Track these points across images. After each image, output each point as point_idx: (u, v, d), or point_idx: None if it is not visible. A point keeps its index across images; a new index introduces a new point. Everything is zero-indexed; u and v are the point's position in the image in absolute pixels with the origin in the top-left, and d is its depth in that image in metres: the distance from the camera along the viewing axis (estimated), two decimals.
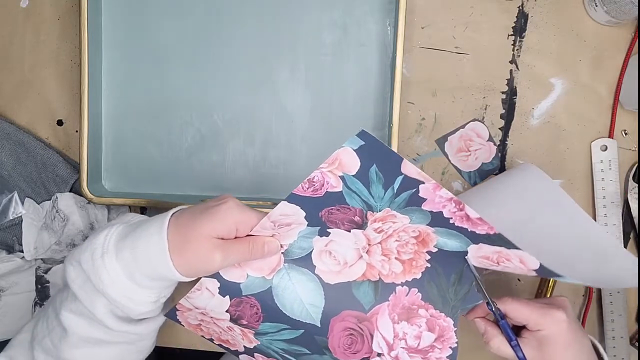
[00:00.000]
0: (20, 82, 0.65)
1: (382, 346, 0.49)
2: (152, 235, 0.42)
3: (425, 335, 0.49)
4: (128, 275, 0.42)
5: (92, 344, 0.45)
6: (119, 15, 0.61)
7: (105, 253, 0.42)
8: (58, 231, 0.61)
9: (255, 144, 0.61)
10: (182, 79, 0.61)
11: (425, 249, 0.47)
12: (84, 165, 0.59)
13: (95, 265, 0.42)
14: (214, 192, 0.62)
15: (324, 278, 0.48)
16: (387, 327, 0.49)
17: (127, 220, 0.46)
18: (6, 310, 0.59)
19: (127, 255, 0.42)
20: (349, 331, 0.49)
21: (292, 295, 0.48)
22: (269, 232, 0.45)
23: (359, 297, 0.49)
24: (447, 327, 0.49)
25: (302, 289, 0.48)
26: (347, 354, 0.49)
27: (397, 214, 0.44)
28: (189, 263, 0.42)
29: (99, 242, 0.43)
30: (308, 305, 0.48)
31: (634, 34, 0.57)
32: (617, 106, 0.58)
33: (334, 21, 0.59)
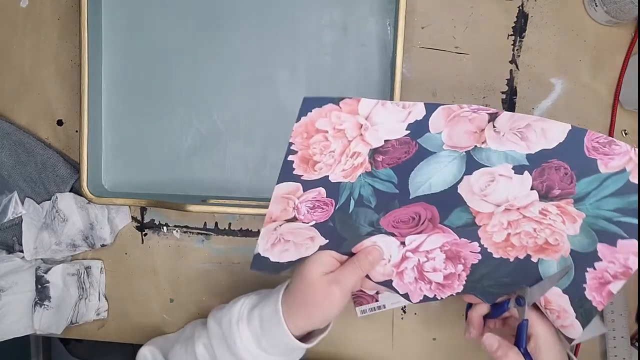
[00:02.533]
0: (20, 82, 0.65)
1: (412, 244, 0.50)
2: (271, 303, 0.48)
3: (435, 275, 0.51)
4: (257, 343, 0.48)
5: None
6: (119, 15, 0.61)
7: (240, 320, 0.49)
8: (58, 231, 0.61)
9: (255, 144, 0.61)
10: (182, 79, 0.61)
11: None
12: (84, 165, 0.59)
13: (231, 331, 0.48)
14: (214, 192, 0.62)
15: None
16: (430, 244, 0.50)
17: (260, 291, 0.52)
18: (6, 310, 0.59)
19: (256, 324, 0.48)
20: (414, 215, 0.49)
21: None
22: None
23: (452, 219, 0.49)
24: (454, 289, 0.51)
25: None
26: (392, 223, 0.49)
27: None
28: (316, 310, 0.47)
29: (237, 309, 0.50)
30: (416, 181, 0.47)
31: (634, 34, 0.57)
32: (617, 106, 0.58)
33: (334, 21, 0.59)
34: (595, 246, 0.46)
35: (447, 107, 0.42)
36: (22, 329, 0.61)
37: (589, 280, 0.47)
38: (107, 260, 0.66)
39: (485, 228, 0.49)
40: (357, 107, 0.41)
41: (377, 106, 0.41)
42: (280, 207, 0.46)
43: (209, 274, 0.65)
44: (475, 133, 0.44)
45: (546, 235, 0.48)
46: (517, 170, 0.45)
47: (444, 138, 0.44)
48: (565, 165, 0.44)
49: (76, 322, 0.64)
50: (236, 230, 0.64)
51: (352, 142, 0.43)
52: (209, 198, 0.59)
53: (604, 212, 0.44)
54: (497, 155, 0.45)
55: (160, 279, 0.65)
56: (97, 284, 0.65)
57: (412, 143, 0.44)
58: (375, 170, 0.46)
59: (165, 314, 0.66)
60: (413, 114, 0.42)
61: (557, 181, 0.45)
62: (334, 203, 0.47)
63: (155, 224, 0.65)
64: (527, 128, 0.43)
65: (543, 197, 0.46)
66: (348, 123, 0.42)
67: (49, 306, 0.61)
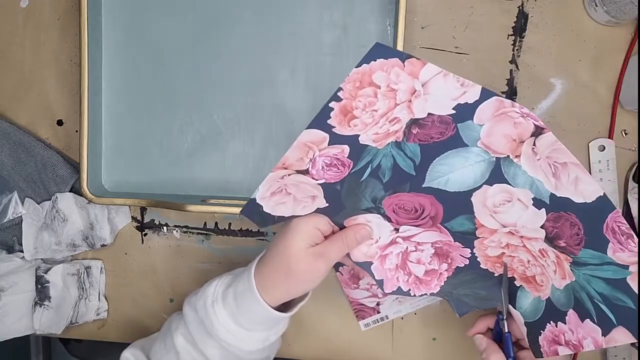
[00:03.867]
0: (20, 82, 0.65)
1: (405, 232, 0.50)
2: (244, 279, 0.47)
3: (418, 268, 0.51)
4: (234, 320, 0.47)
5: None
6: (119, 15, 0.61)
7: (215, 301, 0.47)
8: (58, 231, 0.61)
9: (255, 144, 0.61)
10: (182, 79, 0.61)
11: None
12: (84, 166, 0.59)
13: (207, 312, 0.47)
14: (214, 192, 0.62)
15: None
16: (423, 238, 0.50)
17: (234, 272, 0.51)
18: (6, 310, 0.59)
19: (231, 302, 0.47)
20: (418, 207, 0.48)
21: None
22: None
23: (453, 223, 0.48)
24: (430, 288, 0.52)
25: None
26: (394, 207, 0.48)
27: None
28: (298, 283, 0.46)
29: (210, 292, 0.49)
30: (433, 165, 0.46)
31: (634, 34, 0.57)
32: (617, 106, 0.58)
33: (334, 21, 0.59)
34: (568, 309, 0.46)
35: (501, 99, 0.41)
36: (22, 329, 0.61)
37: (546, 331, 0.47)
38: (107, 260, 0.66)
39: (482, 240, 0.49)
40: (420, 71, 0.40)
41: (439, 75, 0.40)
42: (298, 154, 0.43)
43: (209, 274, 0.65)
44: (514, 142, 0.43)
45: (536, 272, 0.48)
46: (536, 203, 0.45)
47: (483, 132, 0.43)
48: (580, 227, 0.43)
49: (76, 322, 0.64)
50: (236, 230, 0.64)
51: (398, 106, 0.41)
52: (209, 198, 0.59)
53: (591, 289, 0.44)
54: (524, 179, 0.44)
55: (160, 279, 0.65)
56: (97, 284, 0.65)
57: (450, 125, 0.43)
58: (404, 142, 0.44)
59: (165, 314, 0.66)
60: (467, 95, 0.41)
61: (567, 236, 0.44)
62: (351, 166, 0.45)
63: (155, 224, 0.65)
64: (563, 167, 0.42)
65: (548, 240, 0.46)
66: (404, 84, 0.40)
67: (49, 306, 0.61)
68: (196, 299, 0.49)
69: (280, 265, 0.46)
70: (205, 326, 0.48)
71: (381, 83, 0.40)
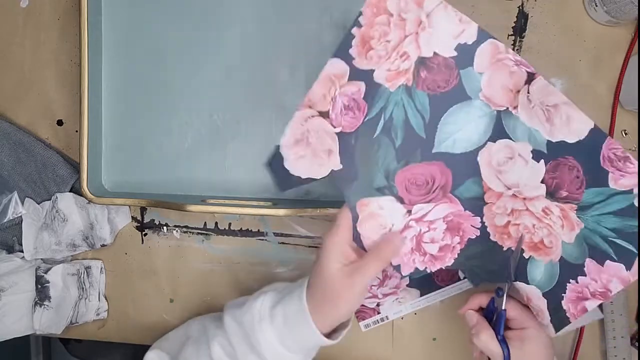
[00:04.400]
0: (20, 82, 0.65)
1: (418, 213, 0.50)
2: (294, 302, 0.47)
3: (432, 247, 0.51)
4: (281, 342, 0.47)
5: None
6: (119, 15, 0.61)
7: (262, 319, 0.47)
8: (58, 231, 0.61)
9: (255, 144, 0.61)
10: (182, 79, 0.61)
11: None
12: (84, 166, 0.59)
13: (254, 329, 0.47)
14: (214, 192, 0.62)
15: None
16: (435, 214, 0.50)
17: (275, 288, 0.51)
18: (6, 310, 0.59)
19: (280, 323, 0.47)
20: (429, 179, 0.48)
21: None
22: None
23: (462, 189, 0.49)
24: (444, 262, 0.51)
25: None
26: (406, 183, 0.49)
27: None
28: (341, 304, 0.46)
29: (257, 308, 0.48)
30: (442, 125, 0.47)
31: (634, 34, 0.57)
32: (617, 106, 0.58)
33: (334, 21, 0.59)
34: (583, 260, 0.46)
35: (496, 43, 0.43)
36: (22, 329, 0.61)
37: (568, 292, 0.47)
38: (107, 260, 0.66)
39: (491, 207, 0.49)
40: (424, 1, 0.42)
41: (440, 6, 0.42)
42: (323, 89, 0.46)
43: (209, 274, 0.65)
44: (511, 92, 0.44)
45: (543, 234, 0.48)
46: (535, 156, 0.45)
47: (483, 83, 0.44)
48: (579, 168, 0.44)
49: (76, 322, 0.64)
50: (236, 230, 0.64)
51: (407, 38, 0.44)
52: (209, 198, 0.59)
53: (602, 228, 0.44)
54: (523, 130, 0.45)
55: (160, 279, 0.65)
56: (97, 284, 0.65)
57: (454, 72, 0.44)
58: (414, 88, 0.46)
59: (165, 314, 0.66)
60: (465, 33, 0.43)
61: (568, 182, 0.45)
62: (366, 111, 0.46)
63: (155, 224, 0.65)
64: (555, 109, 0.43)
65: (549, 195, 0.46)
66: (411, 14, 0.42)
67: (49, 306, 0.61)
68: (241, 313, 0.49)
69: (322, 291, 0.46)
70: (250, 342, 0.47)
71: (394, 11, 0.42)
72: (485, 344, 0.48)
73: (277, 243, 0.64)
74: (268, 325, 0.47)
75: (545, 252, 0.49)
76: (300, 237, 0.63)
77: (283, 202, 0.58)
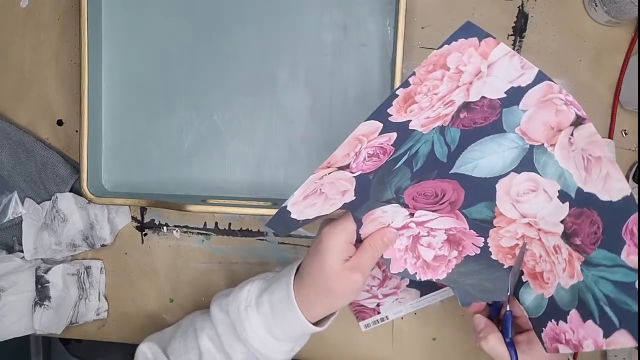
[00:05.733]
0: (20, 82, 0.65)
1: (420, 218, 0.49)
2: (281, 290, 0.47)
3: (427, 252, 0.50)
4: (267, 330, 0.47)
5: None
6: (119, 15, 0.61)
7: (248, 306, 0.48)
8: (58, 231, 0.61)
9: (255, 144, 0.61)
10: (182, 79, 0.61)
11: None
12: (84, 166, 0.59)
13: (240, 317, 0.47)
14: (214, 192, 0.62)
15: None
16: (438, 224, 0.49)
17: (264, 276, 0.51)
18: (6, 310, 0.59)
19: (266, 311, 0.47)
20: (440, 192, 0.48)
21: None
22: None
23: (472, 210, 0.48)
24: (437, 274, 0.51)
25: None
26: (414, 194, 0.48)
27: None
28: (339, 299, 0.47)
29: (243, 296, 0.48)
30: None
31: (634, 34, 0.57)
32: (617, 106, 0.58)
33: (334, 21, 0.59)
34: (570, 309, 0.45)
35: (551, 84, 0.40)
36: (22, 329, 0.61)
37: (548, 328, 0.47)
38: (107, 260, 0.66)
39: (498, 230, 0.48)
40: (492, 51, 0.38)
41: (506, 56, 0.39)
42: (348, 149, 0.42)
43: (209, 274, 0.65)
44: (552, 130, 0.42)
45: (545, 268, 0.48)
46: (561, 196, 0.44)
47: (523, 119, 0.42)
48: (599, 225, 0.42)
49: (76, 322, 0.64)
50: (236, 230, 0.64)
51: (458, 88, 0.40)
52: (209, 198, 0.59)
53: (597, 290, 0.43)
54: (554, 170, 0.43)
55: (160, 279, 0.65)
56: (97, 284, 0.65)
57: (496, 111, 0.42)
58: (449, 127, 0.43)
59: (165, 314, 0.66)
60: (522, 78, 0.40)
61: (585, 234, 0.43)
62: (391, 153, 0.44)
63: (155, 224, 0.65)
64: (597, 161, 0.41)
65: (565, 237, 0.45)
66: (472, 66, 0.39)
67: (49, 306, 0.61)
68: (227, 302, 0.49)
69: (318, 285, 0.46)
70: (236, 331, 0.48)
71: (453, 65, 0.39)
72: (493, 348, 0.48)
73: (277, 243, 0.64)
74: (254, 313, 0.47)
75: (541, 285, 0.49)
76: (300, 237, 0.63)
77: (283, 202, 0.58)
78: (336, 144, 0.40)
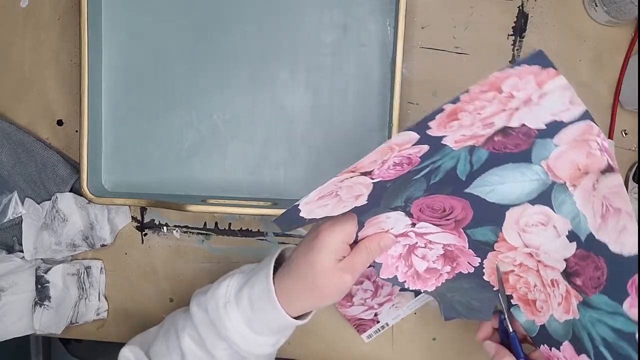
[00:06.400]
0: (20, 82, 0.65)
1: (421, 229, 0.49)
2: (260, 283, 0.46)
3: (420, 263, 0.50)
4: (248, 325, 0.46)
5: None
6: (119, 15, 0.61)
7: (227, 303, 0.46)
8: (58, 231, 0.61)
9: (255, 144, 0.61)
10: (182, 80, 0.61)
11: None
12: (84, 166, 0.59)
13: (219, 314, 0.46)
14: (214, 192, 0.62)
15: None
16: (438, 238, 0.49)
17: (243, 270, 0.50)
18: (6, 310, 0.59)
19: (246, 306, 0.46)
20: (448, 208, 0.47)
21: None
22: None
23: (476, 231, 0.48)
24: (426, 286, 0.51)
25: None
26: (423, 206, 0.47)
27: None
28: (325, 297, 0.46)
29: (222, 292, 0.47)
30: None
31: (634, 34, 0.57)
32: (617, 106, 0.58)
33: (334, 21, 0.59)
34: (563, 340, 0.46)
35: (592, 125, 0.39)
36: (22, 329, 0.61)
37: (541, 348, 0.48)
38: (107, 260, 0.66)
39: (497, 254, 0.48)
40: (549, 81, 0.37)
41: (559, 90, 0.37)
42: (377, 156, 0.40)
43: (209, 274, 0.65)
44: (578, 171, 0.41)
45: (539, 297, 0.48)
46: (570, 236, 0.43)
47: (553, 153, 0.41)
48: (604, 272, 0.42)
49: (76, 322, 0.64)
50: (236, 230, 0.64)
51: (504, 112, 0.38)
52: (209, 198, 0.59)
53: (594, 332, 0.43)
54: (570, 210, 0.43)
55: (160, 279, 0.65)
56: (97, 284, 0.65)
57: (530, 140, 0.41)
58: (480, 147, 0.42)
59: (165, 314, 0.65)
60: (566, 113, 0.38)
61: (587, 277, 0.43)
62: (416, 164, 0.42)
63: (155, 224, 0.65)
64: (616, 212, 0.40)
65: (565, 274, 0.45)
66: (524, 92, 0.37)
67: (49, 306, 0.61)
68: (206, 300, 0.48)
69: (306, 280, 0.45)
70: (216, 328, 0.47)
71: (507, 89, 0.37)
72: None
73: (277, 243, 0.64)
74: (234, 309, 0.46)
75: (533, 312, 0.49)
76: (300, 237, 0.63)
77: (283, 202, 0.58)
78: (336, 143, 0.40)
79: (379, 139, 0.59)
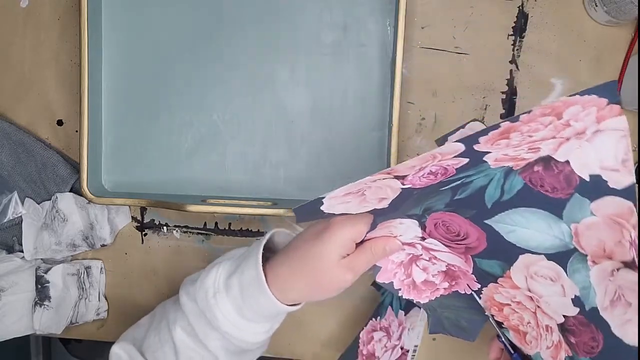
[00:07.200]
0: (20, 82, 0.65)
1: (430, 245, 0.48)
2: (250, 270, 0.45)
3: (419, 274, 0.50)
4: (239, 313, 0.45)
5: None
6: (119, 15, 0.61)
7: (217, 292, 0.45)
8: (58, 231, 0.61)
9: (255, 144, 0.61)
10: (182, 79, 0.61)
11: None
12: (84, 166, 0.59)
13: (209, 305, 0.45)
14: (213, 192, 0.62)
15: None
16: (444, 257, 0.49)
17: (231, 256, 0.49)
18: (6, 310, 0.59)
19: (236, 294, 0.45)
20: (463, 233, 0.46)
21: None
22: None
23: (485, 262, 0.47)
24: (419, 297, 0.51)
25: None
26: (438, 221, 0.46)
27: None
28: (322, 292, 0.45)
29: (210, 282, 0.46)
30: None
31: (634, 34, 0.57)
32: None
33: (334, 21, 0.59)
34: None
35: (633, 210, 0.36)
36: (22, 329, 0.61)
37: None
38: (107, 260, 0.66)
39: (499, 287, 0.48)
40: (609, 118, 0.35)
41: (618, 133, 0.35)
42: (417, 162, 0.39)
43: None
44: (603, 252, 0.39)
45: (530, 333, 0.48)
46: (575, 301, 0.43)
47: (586, 221, 0.39)
48: (600, 344, 0.41)
49: (76, 322, 0.64)
50: (236, 230, 0.64)
51: (554, 139, 0.37)
52: (209, 198, 0.59)
53: None
54: (582, 280, 0.42)
55: (160, 279, 0.65)
56: (97, 284, 0.65)
57: (569, 190, 0.39)
58: (516, 173, 0.40)
59: None
60: (614, 175, 0.36)
61: (582, 341, 0.43)
62: (449, 176, 0.41)
63: (155, 224, 0.65)
64: (625, 305, 0.39)
65: (561, 327, 0.45)
66: (581, 124, 0.35)
67: (49, 306, 0.61)
68: (195, 290, 0.47)
69: (305, 271, 0.44)
70: (207, 318, 0.46)
71: (567, 116, 0.35)
72: None
73: None
74: (224, 297, 0.45)
75: (521, 342, 0.49)
76: None
77: (283, 202, 0.58)
78: (336, 143, 0.40)
79: (379, 138, 0.59)
